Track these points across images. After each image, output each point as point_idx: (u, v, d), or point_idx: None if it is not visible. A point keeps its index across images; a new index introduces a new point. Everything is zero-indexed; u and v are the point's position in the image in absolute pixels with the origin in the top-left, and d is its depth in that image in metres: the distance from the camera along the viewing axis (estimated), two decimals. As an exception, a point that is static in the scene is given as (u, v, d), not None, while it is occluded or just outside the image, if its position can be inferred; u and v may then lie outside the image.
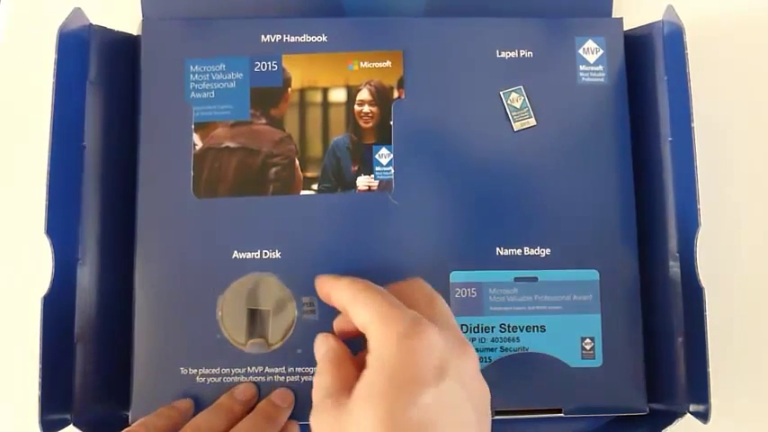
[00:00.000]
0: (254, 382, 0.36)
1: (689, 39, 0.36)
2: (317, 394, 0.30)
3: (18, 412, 0.38)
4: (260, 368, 0.36)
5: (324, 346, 0.32)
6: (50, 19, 0.36)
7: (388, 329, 0.28)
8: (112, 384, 0.36)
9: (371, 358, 0.28)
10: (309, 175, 0.38)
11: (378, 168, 0.38)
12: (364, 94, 0.38)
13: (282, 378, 0.36)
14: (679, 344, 0.37)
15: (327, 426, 0.28)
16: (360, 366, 0.29)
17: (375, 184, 0.38)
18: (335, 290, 0.31)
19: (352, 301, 0.30)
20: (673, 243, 0.37)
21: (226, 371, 0.36)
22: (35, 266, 0.37)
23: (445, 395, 0.27)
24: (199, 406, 0.35)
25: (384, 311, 0.28)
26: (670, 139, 0.38)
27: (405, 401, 0.26)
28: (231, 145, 0.38)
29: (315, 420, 0.29)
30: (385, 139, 0.38)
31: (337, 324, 0.33)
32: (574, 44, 0.39)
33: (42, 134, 0.35)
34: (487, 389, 0.30)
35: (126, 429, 0.32)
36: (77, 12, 0.36)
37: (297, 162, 0.38)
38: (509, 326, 0.37)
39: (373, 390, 0.27)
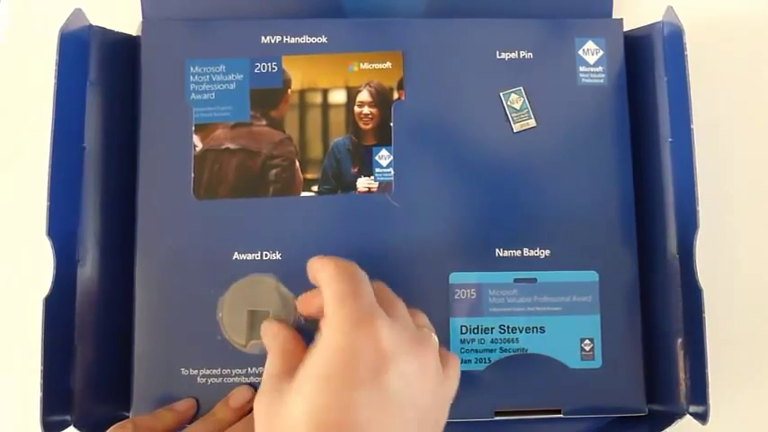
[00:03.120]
0: (251, 384, 0.36)
1: (688, 40, 0.36)
2: (263, 377, 0.30)
3: (19, 413, 0.38)
4: (260, 369, 0.36)
5: (269, 333, 0.32)
6: (50, 19, 0.36)
7: (341, 313, 0.28)
8: (113, 385, 0.36)
9: (319, 340, 0.28)
10: (309, 176, 0.38)
11: (378, 170, 0.38)
12: (364, 96, 0.38)
13: (282, 379, 0.36)
14: (678, 345, 0.37)
15: (264, 406, 0.29)
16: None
17: (375, 185, 0.38)
18: (322, 269, 0.30)
19: (327, 280, 0.29)
20: (672, 244, 0.38)
21: (226, 371, 0.36)
22: (35, 267, 0.37)
23: (379, 395, 0.26)
24: (200, 407, 0.36)
25: (345, 295, 0.28)
26: (670, 140, 0.38)
27: (334, 399, 0.26)
28: (231, 146, 0.38)
29: (256, 401, 0.29)
30: (385, 141, 0.38)
31: (300, 302, 0.33)
32: (574, 45, 0.39)
33: (42, 135, 0.35)
34: (448, 388, 0.30)
35: (114, 425, 0.32)
36: (78, 12, 0.36)
37: (297, 163, 0.38)
38: (508, 327, 0.37)
39: (308, 378, 0.27)
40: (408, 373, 0.28)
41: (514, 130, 0.38)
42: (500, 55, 0.39)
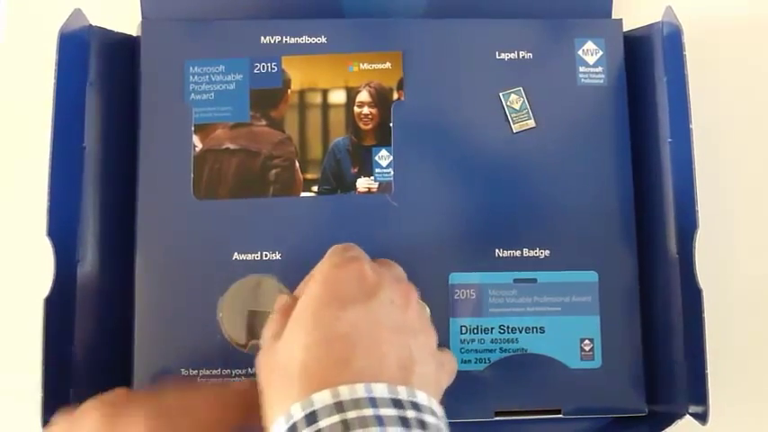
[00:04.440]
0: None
1: (688, 40, 0.37)
2: (263, 339, 0.31)
3: (19, 413, 0.38)
4: (260, 369, 0.36)
5: (278, 303, 0.32)
6: (50, 20, 0.36)
7: (325, 261, 0.30)
8: (113, 385, 0.36)
9: (308, 287, 0.29)
10: (309, 176, 0.38)
11: (377, 170, 0.38)
12: (364, 96, 0.38)
13: (282, 379, 0.36)
14: (678, 345, 0.37)
15: (264, 357, 0.29)
16: None
17: (375, 185, 0.38)
18: None
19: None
20: (671, 244, 0.38)
21: (226, 372, 0.36)
22: (35, 267, 0.37)
23: (374, 310, 0.28)
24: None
25: (332, 251, 0.31)
26: (669, 140, 0.38)
27: (330, 315, 0.27)
28: (231, 146, 0.38)
29: (257, 359, 0.30)
30: (385, 141, 0.38)
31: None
32: (573, 45, 0.39)
33: (42, 135, 0.35)
34: (431, 330, 0.31)
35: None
36: (78, 13, 0.36)
37: (297, 164, 0.38)
38: (508, 327, 0.37)
39: (302, 311, 0.28)
40: (395, 300, 0.29)
41: (514, 131, 0.38)
42: (500, 55, 0.39)
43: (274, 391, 0.27)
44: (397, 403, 0.25)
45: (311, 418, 0.24)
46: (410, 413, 0.25)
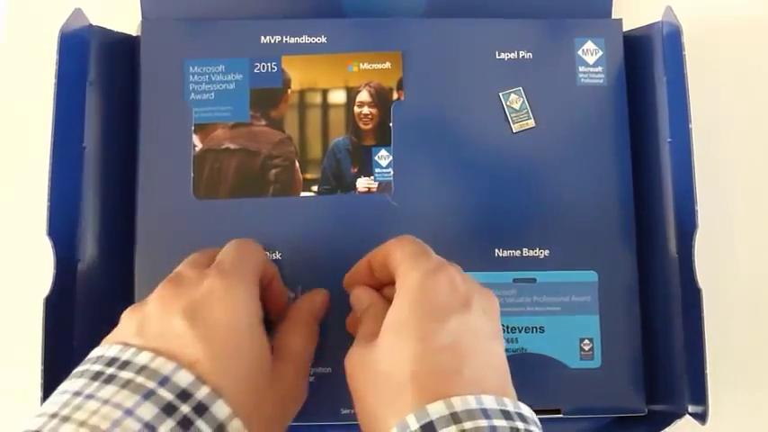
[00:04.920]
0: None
1: (687, 40, 0.37)
2: (356, 340, 0.31)
3: (19, 414, 0.38)
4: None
5: (366, 300, 0.33)
6: (50, 19, 0.36)
7: (415, 268, 0.29)
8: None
9: (398, 295, 0.29)
10: (309, 176, 0.38)
11: (377, 170, 0.38)
12: (364, 96, 0.38)
13: (282, 378, 0.36)
14: (677, 345, 0.37)
15: (359, 360, 0.29)
16: None
17: (375, 185, 0.38)
18: (393, 245, 0.32)
19: (392, 247, 0.31)
20: (671, 244, 0.38)
21: (226, 371, 0.36)
22: (35, 267, 0.37)
23: (472, 321, 0.28)
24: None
25: (413, 254, 0.30)
26: (669, 140, 0.38)
27: (434, 326, 0.27)
28: (231, 146, 0.38)
29: (348, 360, 0.30)
30: (384, 141, 0.38)
31: (348, 277, 0.35)
32: (573, 45, 0.39)
33: (42, 135, 0.35)
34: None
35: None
36: (78, 12, 0.37)
37: (297, 163, 0.38)
38: (508, 327, 0.37)
39: (402, 319, 0.28)
40: (488, 309, 0.29)
41: (514, 131, 0.39)
42: (499, 55, 0.39)
43: (379, 400, 0.27)
44: (507, 414, 0.25)
45: (429, 428, 0.24)
46: (519, 424, 0.25)
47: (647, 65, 0.39)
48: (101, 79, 0.38)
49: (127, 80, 0.39)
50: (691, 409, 0.36)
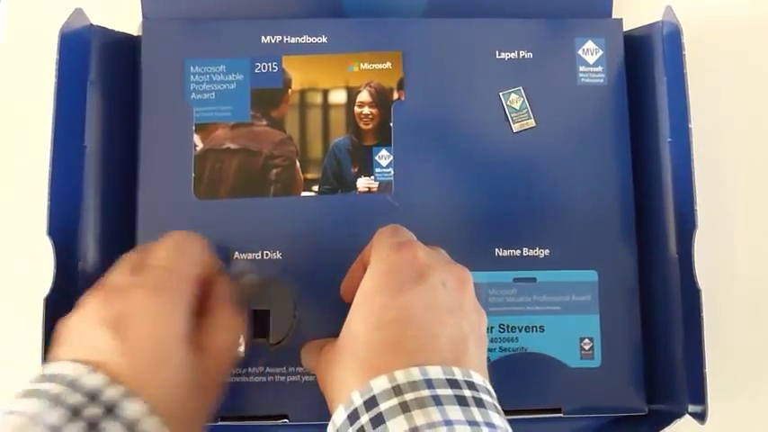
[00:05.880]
0: (251, 383, 0.36)
1: (687, 40, 0.37)
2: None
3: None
4: (260, 368, 0.36)
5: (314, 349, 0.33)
6: (51, 19, 0.36)
7: (381, 248, 0.30)
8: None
9: (365, 274, 0.30)
10: (310, 176, 0.38)
11: (378, 170, 0.38)
12: (364, 96, 0.38)
13: (283, 378, 0.36)
14: (677, 344, 0.37)
15: (326, 345, 0.31)
16: None
17: (375, 185, 0.38)
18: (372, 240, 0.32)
19: (374, 238, 0.32)
20: (671, 244, 0.38)
21: (226, 371, 0.36)
22: (35, 267, 0.37)
23: (425, 293, 0.28)
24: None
25: (384, 237, 0.31)
26: (669, 139, 0.38)
27: (385, 300, 0.28)
28: (232, 146, 0.38)
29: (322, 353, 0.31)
30: (385, 141, 0.38)
31: (344, 284, 0.35)
32: (573, 45, 0.39)
33: (43, 135, 0.35)
34: (482, 312, 0.31)
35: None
36: (78, 12, 0.36)
37: (297, 163, 0.38)
38: (508, 326, 0.37)
39: (360, 298, 0.29)
40: (448, 283, 0.29)
41: (514, 130, 0.39)
42: (500, 55, 0.39)
43: (334, 379, 0.28)
44: (453, 383, 0.26)
45: (371, 402, 0.25)
46: (467, 392, 0.26)
47: (647, 65, 0.39)
48: (102, 79, 0.38)
49: (127, 80, 0.39)
50: (690, 408, 0.36)
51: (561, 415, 0.37)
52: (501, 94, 0.39)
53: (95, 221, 0.37)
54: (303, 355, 0.35)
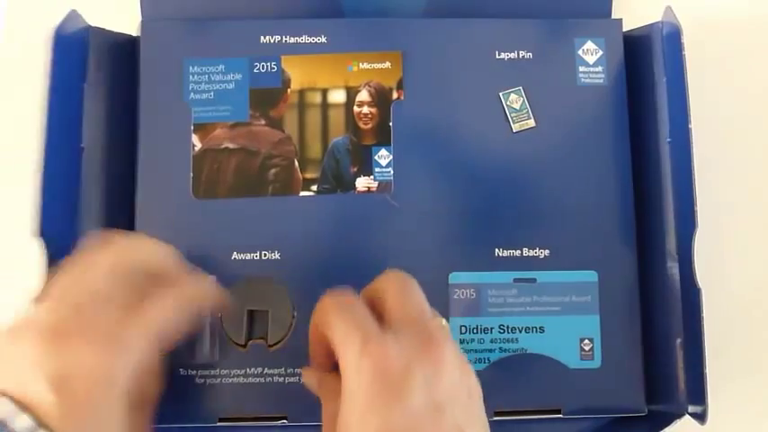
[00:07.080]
0: (250, 383, 0.36)
1: (687, 40, 0.37)
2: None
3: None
4: (260, 369, 0.36)
5: (313, 380, 0.32)
6: (50, 20, 0.36)
7: (347, 353, 0.27)
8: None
9: (343, 388, 0.27)
10: (309, 176, 0.38)
11: (377, 169, 0.38)
12: (363, 96, 0.38)
13: (282, 379, 0.36)
14: (677, 345, 0.37)
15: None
16: None
17: (374, 185, 0.38)
18: (318, 313, 0.30)
19: (326, 326, 0.29)
20: (671, 244, 0.38)
21: (225, 372, 0.36)
22: (35, 267, 0.37)
23: (415, 407, 0.26)
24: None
25: (342, 333, 0.28)
26: (668, 140, 0.38)
27: (376, 427, 0.26)
28: (230, 146, 0.38)
29: None
30: (384, 141, 0.38)
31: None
32: (573, 45, 0.39)
33: (43, 136, 0.35)
34: (466, 367, 0.29)
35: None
36: (73, 14, 0.36)
37: (296, 163, 0.38)
38: (508, 327, 0.37)
39: (344, 419, 0.27)
40: (429, 377, 0.27)
41: (514, 130, 0.38)
42: (499, 55, 0.39)
43: None
44: None
45: None
46: None
47: (647, 65, 0.39)
48: (100, 79, 0.38)
49: (126, 80, 0.38)
50: (690, 409, 0.36)
51: (561, 416, 0.37)
52: (501, 94, 0.39)
53: (94, 223, 0.37)
54: (304, 379, 0.33)
